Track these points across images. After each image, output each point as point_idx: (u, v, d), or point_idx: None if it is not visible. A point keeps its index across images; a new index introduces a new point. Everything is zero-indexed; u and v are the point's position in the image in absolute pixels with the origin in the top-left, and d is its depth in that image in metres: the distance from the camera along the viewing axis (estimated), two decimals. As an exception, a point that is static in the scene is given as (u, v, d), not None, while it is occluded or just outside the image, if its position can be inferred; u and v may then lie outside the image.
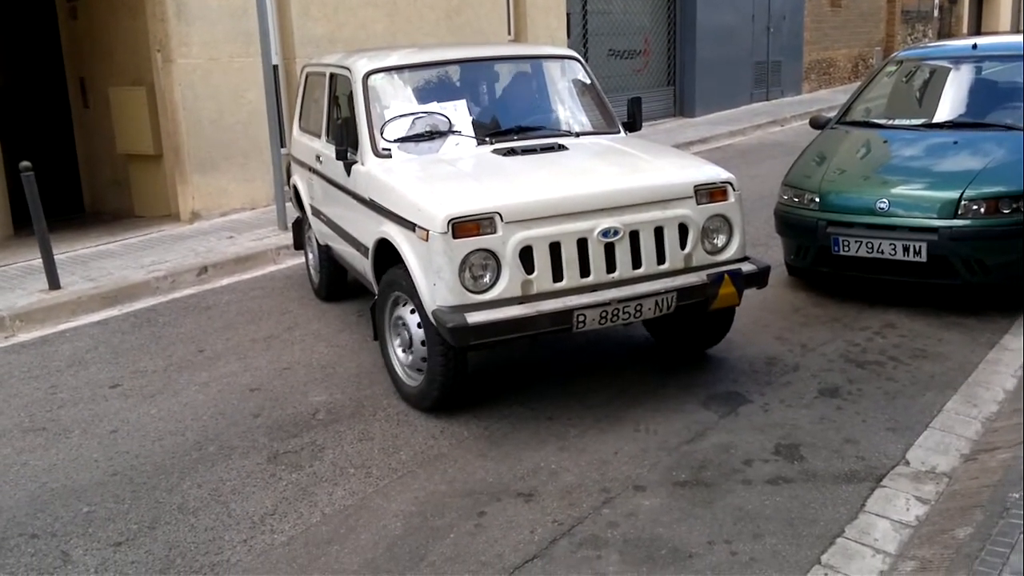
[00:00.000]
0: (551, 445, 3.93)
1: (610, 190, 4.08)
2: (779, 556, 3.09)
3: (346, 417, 4.33)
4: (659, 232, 4.08)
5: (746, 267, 4.25)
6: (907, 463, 3.66)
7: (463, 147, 4.72)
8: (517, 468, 3.76)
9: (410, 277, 4.01)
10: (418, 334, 4.18)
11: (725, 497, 3.47)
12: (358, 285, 5.82)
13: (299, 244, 6.56)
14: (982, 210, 5.07)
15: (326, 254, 5.88)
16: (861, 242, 5.30)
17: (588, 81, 5.37)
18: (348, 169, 4.81)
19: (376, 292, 4.52)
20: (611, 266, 4.00)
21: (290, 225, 6.76)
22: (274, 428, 4.26)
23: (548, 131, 4.96)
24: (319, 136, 5.64)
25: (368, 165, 4.65)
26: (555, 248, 3.90)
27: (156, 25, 8.11)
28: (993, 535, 2.92)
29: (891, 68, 6.84)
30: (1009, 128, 5.76)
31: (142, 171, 8.79)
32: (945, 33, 23.81)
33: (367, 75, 4.89)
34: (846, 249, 5.36)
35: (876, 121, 6.37)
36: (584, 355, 4.98)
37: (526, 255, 3.87)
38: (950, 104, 6.19)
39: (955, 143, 5.69)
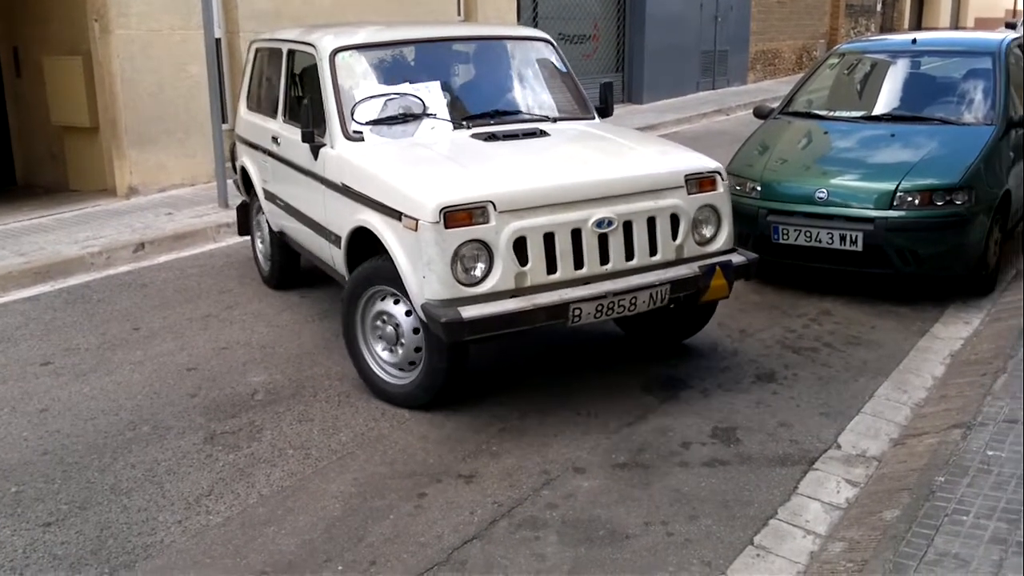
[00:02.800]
0: (493, 427, 3.94)
1: (605, 179, 3.95)
2: (713, 537, 3.15)
3: (285, 398, 4.28)
4: (651, 223, 3.97)
5: (736, 258, 4.19)
6: (839, 447, 3.76)
7: (439, 131, 4.51)
8: (458, 450, 3.76)
9: (395, 270, 3.83)
10: (409, 330, 4.01)
11: (663, 479, 3.52)
12: (310, 273, 5.71)
13: (244, 230, 6.21)
14: (916, 202, 5.20)
15: (279, 241, 5.60)
16: (800, 231, 5.40)
17: (561, 64, 5.22)
18: (315, 152, 4.56)
19: (347, 284, 4.29)
20: (604, 258, 3.88)
21: (233, 206, 6.60)
22: (211, 408, 4.19)
23: (525, 115, 4.81)
24: (274, 116, 5.35)
25: (339, 149, 4.41)
26: (548, 239, 3.76)
27: (94, -7, 7.87)
28: (919, 517, 3.02)
29: (833, 60, 6.97)
30: (943, 122, 5.91)
31: (78, 144, 8.54)
32: (887, 27, 24.32)
33: (334, 52, 4.62)
34: (785, 237, 5.45)
35: (818, 112, 6.48)
36: (525, 339, 4.98)
37: (519, 246, 3.71)
38: (889, 97, 6.33)
39: (892, 136, 5.82)
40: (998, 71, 6.08)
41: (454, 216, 3.63)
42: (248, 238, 6.34)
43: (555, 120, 4.82)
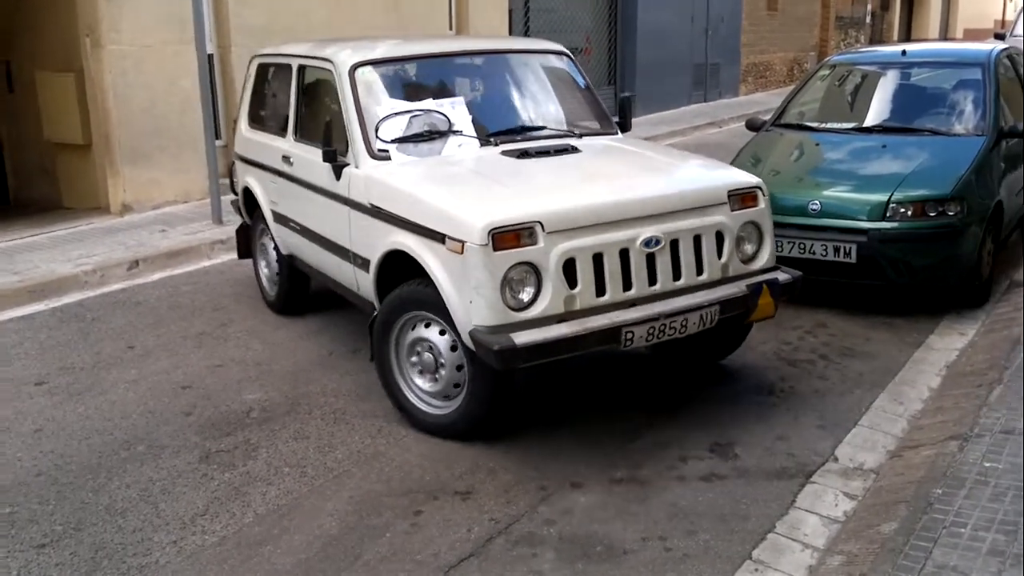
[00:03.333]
0: (490, 444, 3.92)
1: (652, 196, 3.83)
2: (711, 552, 3.14)
3: (281, 415, 4.26)
4: (697, 241, 3.86)
5: (781, 276, 4.08)
6: (836, 460, 3.76)
7: (466, 148, 4.38)
8: (455, 467, 3.75)
9: (437, 294, 3.67)
10: (450, 357, 3.85)
11: (660, 494, 3.51)
12: (319, 296, 5.61)
13: (245, 253, 5.99)
14: (909, 213, 5.21)
15: (288, 264, 5.39)
16: (794, 243, 5.41)
17: (580, 78, 5.14)
18: (337, 172, 4.39)
19: (377, 309, 4.13)
20: (652, 278, 3.75)
21: (227, 222, 6.54)
22: (206, 427, 4.17)
23: (551, 131, 4.67)
24: (283, 135, 5.16)
25: (365, 168, 4.25)
26: (597, 260, 3.63)
27: (86, 9, 7.87)
28: (917, 530, 3.01)
29: (824, 72, 7.00)
30: (934, 133, 5.94)
31: (71, 160, 8.52)
32: (877, 39, 24.47)
33: (354, 68, 4.45)
34: (779, 250, 5.44)
35: (809, 124, 6.50)
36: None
37: (568, 268, 3.57)
38: (879, 108, 6.36)
39: (884, 147, 5.84)
40: (988, 81, 6.11)
41: (503, 238, 3.48)
42: (247, 261, 6.12)
43: (580, 135, 4.70)
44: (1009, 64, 6.70)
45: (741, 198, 4.02)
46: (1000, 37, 15.66)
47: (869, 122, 6.24)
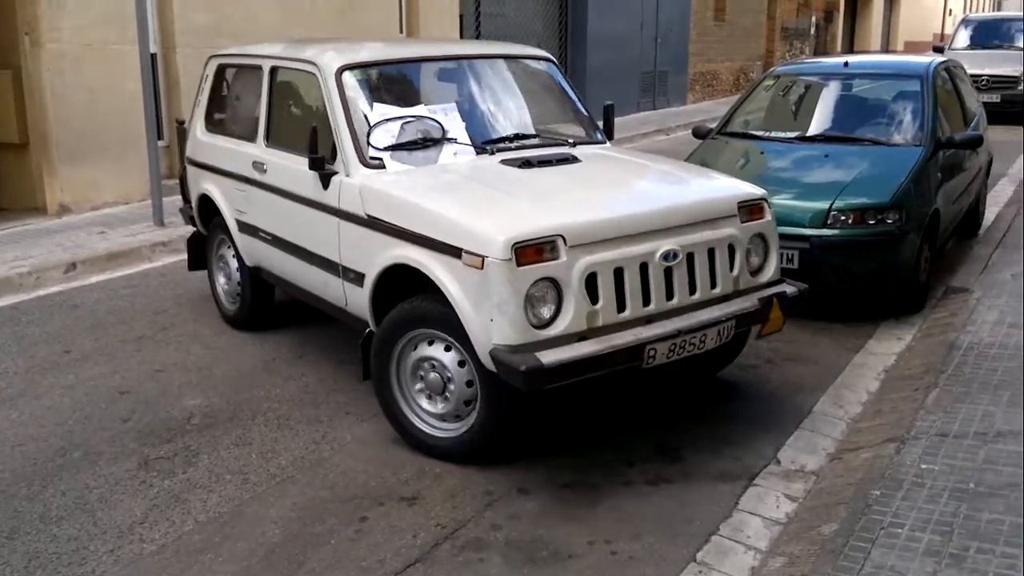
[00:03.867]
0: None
1: (670, 208, 3.77)
2: (656, 554, 3.16)
3: (223, 421, 4.18)
4: (711, 254, 3.78)
5: (789, 289, 4.05)
6: (778, 462, 3.81)
7: (462, 157, 4.21)
8: (401, 472, 3.72)
9: (447, 310, 3.51)
10: (460, 377, 3.67)
11: (607, 498, 3.52)
12: (287, 309, 5.45)
13: (197, 264, 5.69)
14: (849, 221, 5.32)
15: (254, 277, 5.12)
16: (739, 249, 5.47)
17: (567, 85, 5.04)
18: (324, 181, 4.16)
19: (371, 326, 3.97)
20: (669, 293, 3.66)
21: (169, 224, 6.39)
22: (145, 433, 4.07)
23: (545, 139, 4.55)
24: (252, 140, 4.86)
25: (358, 177, 4.02)
26: (618, 274, 3.52)
27: (25, 7, 7.66)
28: (856, 531, 3.07)
29: (769, 82, 7.12)
30: (874, 143, 6.08)
31: (6, 161, 8.27)
32: (821, 50, 25.02)
33: (341, 71, 4.24)
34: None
35: (754, 133, 6.61)
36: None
37: (588, 283, 3.45)
38: (822, 118, 6.49)
39: (826, 156, 5.97)
40: (926, 93, 6.28)
41: (525, 252, 3.33)
42: (197, 272, 5.82)
43: (573, 144, 4.57)
44: (947, 76, 6.89)
45: (749, 210, 3.97)
46: (939, 50, 16.10)
47: (812, 131, 6.36)
